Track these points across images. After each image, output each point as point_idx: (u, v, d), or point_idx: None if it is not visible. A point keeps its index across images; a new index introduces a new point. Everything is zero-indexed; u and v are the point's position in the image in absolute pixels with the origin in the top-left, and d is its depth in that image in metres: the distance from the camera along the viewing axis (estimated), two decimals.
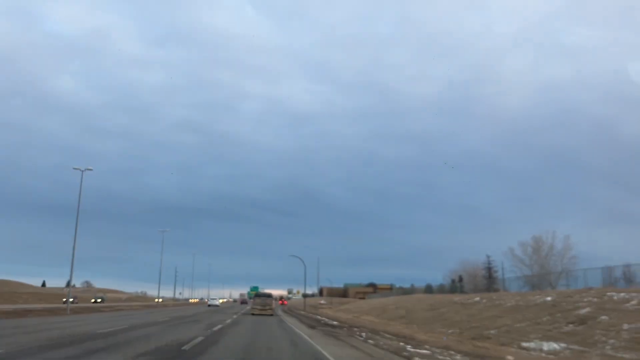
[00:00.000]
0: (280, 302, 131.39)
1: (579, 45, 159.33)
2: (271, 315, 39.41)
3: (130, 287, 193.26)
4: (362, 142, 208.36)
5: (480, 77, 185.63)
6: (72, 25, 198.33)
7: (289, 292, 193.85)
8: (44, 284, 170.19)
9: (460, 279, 65.53)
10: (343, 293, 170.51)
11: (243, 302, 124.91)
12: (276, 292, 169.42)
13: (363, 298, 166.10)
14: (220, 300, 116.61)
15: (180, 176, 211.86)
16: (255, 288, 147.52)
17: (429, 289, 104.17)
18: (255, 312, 40.40)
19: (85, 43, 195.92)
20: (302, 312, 52.23)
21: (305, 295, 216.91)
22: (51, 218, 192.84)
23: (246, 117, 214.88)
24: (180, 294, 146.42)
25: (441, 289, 78.49)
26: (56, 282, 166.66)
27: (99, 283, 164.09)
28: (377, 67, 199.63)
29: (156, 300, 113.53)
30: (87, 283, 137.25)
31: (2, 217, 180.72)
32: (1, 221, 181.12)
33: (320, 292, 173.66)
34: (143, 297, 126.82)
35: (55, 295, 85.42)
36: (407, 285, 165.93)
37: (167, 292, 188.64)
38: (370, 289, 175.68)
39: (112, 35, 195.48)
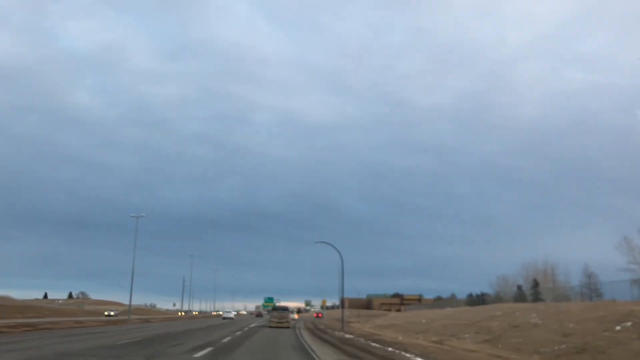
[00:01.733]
0: (315, 315, 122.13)
1: (593, 53, 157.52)
2: (288, 327, 40.90)
3: (139, 300, 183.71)
4: (375, 152, 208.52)
5: (494, 86, 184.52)
6: (87, 41, 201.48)
7: (307, 304, 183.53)
8: (45, 296, 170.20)
9: (536, 284, 54.84)
10: (367, 304, 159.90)
11: (258, 314, 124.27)
12: (293, 304, 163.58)
13: (389, 310, 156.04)
14: (235, 313, 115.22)
15: (195, 188, 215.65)
16: (270, 299, 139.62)
17: (472, 300, 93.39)
18: (272, 325, 41.79)
19: (100, 58, 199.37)
20: (341, 335, 42.23)
21: (325, 307, 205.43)
22: (60, 231, 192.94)
23: (260, 129, 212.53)
24: (186, 307, 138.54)
25: (498, 298, 67.96)
26: (57, 294, 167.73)
27: (108, 295, 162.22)
28: (390, 77, 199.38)
29: (180, 313, 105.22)
30: (83, 294, 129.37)
31: (13, 230, 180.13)
32: (11, 234, 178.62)
33: (342, 304, 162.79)
34: (146, 310, 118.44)
35: (72, 310, 79.22)
36: (430, 296, 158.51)
37: (183, 304, 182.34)
38: (396, 300, 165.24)
39: (126, 49, 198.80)
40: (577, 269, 79.21)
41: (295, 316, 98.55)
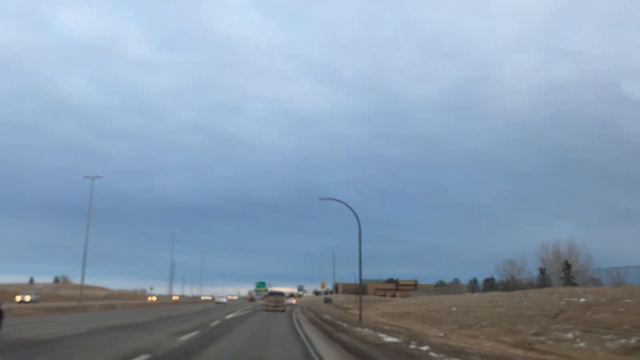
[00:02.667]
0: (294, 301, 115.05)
1: (581, 45, 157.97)
2: (283, 311, 43.71)
3: (134, 285, 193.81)
4: (366, 142, 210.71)
5: (484, 77, 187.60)
6: (82, 29, 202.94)
7: (300, 289, 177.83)
8: (31, 280, 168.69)
9: (568, 266, 47.44)
10: (361, 290, 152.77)
11: (251, 299, 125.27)
12: (285, 289, 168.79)
13: (384, 295, 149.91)
14: (228, 298, 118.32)
15: (189, 176, 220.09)
16: (262, 284, 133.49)
17: (474, 285, 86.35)
18: (269, 309, 44.33)
19: (95, 46, 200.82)
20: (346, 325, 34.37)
21: (316, 293, 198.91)
22: (57, 217, 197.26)
23: (252, 118, 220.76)
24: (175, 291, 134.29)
25: (509, 285, 60.85)
26: (43, 279, 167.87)
27: (98, 280, 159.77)
28: (380, 68, 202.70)
29: (150, 298, 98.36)
30: (64, 278, 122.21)
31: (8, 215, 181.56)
32: (7, 219, 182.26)
33: (336, 289, 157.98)
34: (133, 295, 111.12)
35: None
36: (422, 282, 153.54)
37: (173, 290, 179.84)
38: (391, 285, 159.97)
39: (121, 39, 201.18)
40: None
41: (294, 301, 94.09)
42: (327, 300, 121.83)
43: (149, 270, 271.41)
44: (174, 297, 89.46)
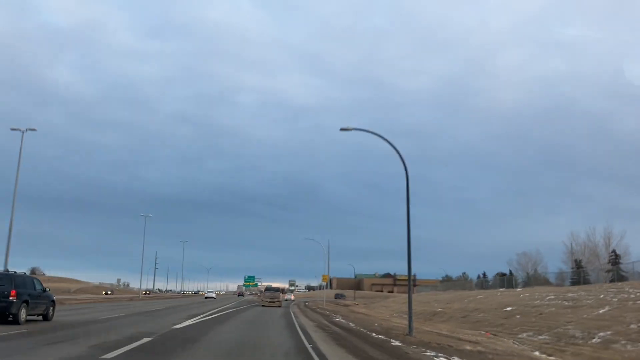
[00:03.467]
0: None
1: (574, 39, 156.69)
2: (279, 306, 44.53)
3: (116, 278, 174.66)
4: (357, 135, 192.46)
5: (476, 71, 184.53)
6: (67, 16, 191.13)
7: (291, 284, 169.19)
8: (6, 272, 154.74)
9: (617, 257, 39.18)
10: (357, 285, 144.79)
11: (240, 294, 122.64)
12: (276, 284, 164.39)
13: (381, 290, 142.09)
14: (217, 293, 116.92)
15: (177, 168, 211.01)
16: (251, 278, 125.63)
17: (484, 281, 78.55)
18: (265, 304, 44.64)
19: (80, 34, 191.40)
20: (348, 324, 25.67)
21: (308, 288, 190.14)
22: (32, 208, 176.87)
23: (243, 109, 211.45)
24: (154, 288, 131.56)
25: (530, 280, 52.89)
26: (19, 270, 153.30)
27: (78, 274, 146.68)
28: (372, 60, 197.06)
29: (106, 293, 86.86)
30: (33, 270, 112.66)
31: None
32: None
33: (330, 284, 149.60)
34: (107, 288, 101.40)
35: None
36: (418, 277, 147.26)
37: (158, 284, 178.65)
38: (388, 280, 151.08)
39: (107, 26, 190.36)
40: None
41: (292, 297, 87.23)
42: (339, 296, 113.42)
43: (134, 263, 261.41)
44: (142, 292, 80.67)
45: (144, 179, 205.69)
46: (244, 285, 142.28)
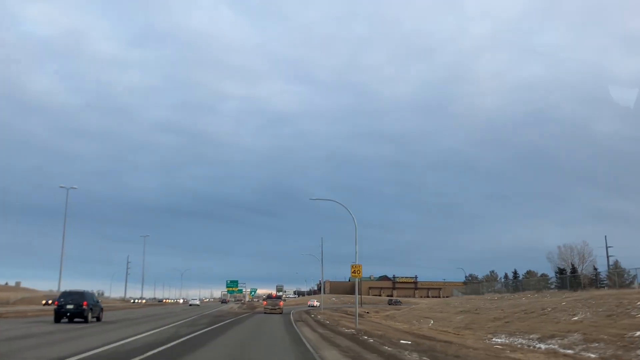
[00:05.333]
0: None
1: (552, 45, 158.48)
2: (280, 313, 45.59)
3: (97, 287, 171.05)
4: (340, 141, 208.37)
5: (457, 77, 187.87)
6: (48, 26, 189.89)
7: (279, 290, 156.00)
8: None
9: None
10: (352, 288, 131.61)
11: (223, 301, 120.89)
12: (263, 291, 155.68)
13: (379, 295, 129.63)
14: (200, 300, 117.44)
15: (161, 176, 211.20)
16: (234, 283, 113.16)
17: (512, 282, 67.56)
18: (267, 312, 46.85)
19: (62, 43, 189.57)
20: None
21: (297, 293, 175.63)
22: (18, 218, 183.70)
23: (225, 117, 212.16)
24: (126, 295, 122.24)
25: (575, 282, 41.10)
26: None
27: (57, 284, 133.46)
28: (354, 67, 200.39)
29: (46, 303, 74.34)
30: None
31: None
32: None
33: (323, 288, 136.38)
34: (54, 296, 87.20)
35: None
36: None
37: (147, 293, 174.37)
38: (387, 283, 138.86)
39: (89, 35, 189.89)
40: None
41: (280, 304, 74.84)
42: (393, 302, 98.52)
43: (119, 272, 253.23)
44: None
45: (128, 187, 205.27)
46: (227, 291, 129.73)
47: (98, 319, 28.03)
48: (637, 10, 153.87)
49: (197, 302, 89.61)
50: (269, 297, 56.87)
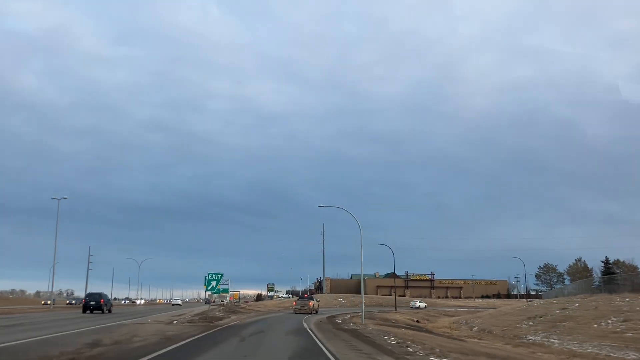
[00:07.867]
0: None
1: (540, 46, 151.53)
2: (310, 313, 46.15)
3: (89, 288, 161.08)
4: (330, 141, 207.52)
5: (446, 77, 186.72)
6: (33, 22, 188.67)
7: (270, 289, 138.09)
8: None
9: None
10: (356, 287, 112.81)
11: (207, 302, 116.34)
12: (252, 291, 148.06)
13: (389, 294, 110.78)
14: (183, 300, 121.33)
15: (148, 176, 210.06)
16: (216, 277, 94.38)
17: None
18: (296, 312, 48.13)
19: (47, 40, 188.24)
20: None
21: (292, 293, 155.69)
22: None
23: (214, 116, 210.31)
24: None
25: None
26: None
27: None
28: (344, 66, 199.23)
29: None
30: None
31: None
32: None
33: (319, 287, 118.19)
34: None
35: None
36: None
37: (132, 293, 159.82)
38: (399, 282, 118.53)
39: (74, 32, 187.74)
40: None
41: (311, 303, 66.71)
42: (417, 306, 74.19)
43: (107, 274, 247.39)
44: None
45: (115, 185, 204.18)
46: (212, 292, 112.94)
47: (110, 311, 44.27)
48: (625, 12, 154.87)
49: (179, 303, 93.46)
50: (300, 297, 60.80)
